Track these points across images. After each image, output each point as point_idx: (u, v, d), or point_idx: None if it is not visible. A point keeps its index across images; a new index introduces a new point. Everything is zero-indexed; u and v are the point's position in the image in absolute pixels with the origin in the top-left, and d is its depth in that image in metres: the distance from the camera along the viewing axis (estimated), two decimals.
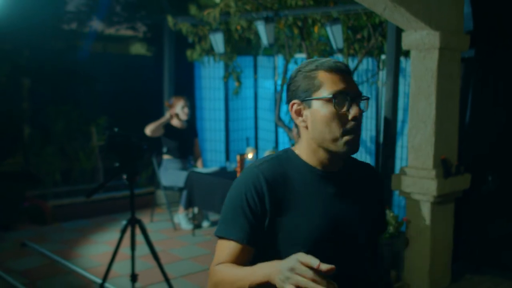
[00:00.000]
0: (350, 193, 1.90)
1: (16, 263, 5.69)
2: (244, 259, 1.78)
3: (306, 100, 1.81)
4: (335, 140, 1.79)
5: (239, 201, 1.80)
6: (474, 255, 5.42)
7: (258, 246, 1.81)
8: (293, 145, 1.96)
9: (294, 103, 1.83)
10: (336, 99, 1.77)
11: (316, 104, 1.79)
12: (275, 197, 1.78)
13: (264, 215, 1.79)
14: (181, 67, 8.55)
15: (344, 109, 1.78)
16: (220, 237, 1.83)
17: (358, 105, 1.81)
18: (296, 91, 1.83)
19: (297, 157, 1.88)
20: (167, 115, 6.85)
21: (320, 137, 1.81)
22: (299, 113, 1.84)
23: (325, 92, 1.78)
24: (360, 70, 6.74)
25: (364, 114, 1.86)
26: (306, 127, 1.83)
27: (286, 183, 1.82)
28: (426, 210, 4.79)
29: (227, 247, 1.79)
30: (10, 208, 7.42)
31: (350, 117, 1.79)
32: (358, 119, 1.79)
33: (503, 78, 5.26)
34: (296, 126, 1.88)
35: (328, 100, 1.77)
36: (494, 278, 5.23)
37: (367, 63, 6.71)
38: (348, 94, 1.78)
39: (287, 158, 1.88)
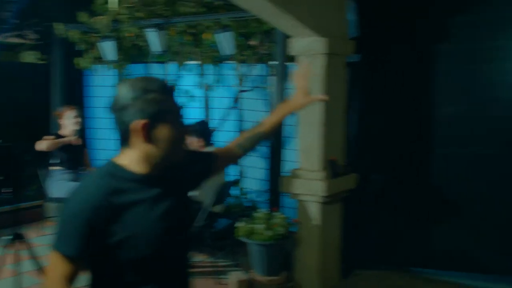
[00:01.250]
0: (173, 190, 2.08)
1: None
2: (75, 271, 1.92)
3: (154, 118, 1.95)
4: (172, 152, 2.01)
5: (74, 217, 1.88)
6: (362, 252, 5.64)
7: (97, 258, 1.95)
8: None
9: (140, 122, 1.94)
10: (174, 118, 1.99)
11: (162, 123, 1.96)
12: (111, 209, 1.89)
13: (102, 228, 1.89)
14: (73, 76, 8.32)
15: (179, 125, 2.01)
16: (53, 250, 1.92)
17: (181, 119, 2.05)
18: (143, 109, 1.94)
19: (122, 168, 2.00)
20: (69, 137, 6.54)
21: (164, 151, 1.99)
22: (142, 130, 1.94)
23: (170, 114, 1.98)
24: (252, 76, 6.86)
25: (257, 119, 2.03)
26: (147, 142, 1.97)
27: (119, 193, 1.93)
28: (315, 211, 4.94)
29: (61, 261, 1.90)
30: None
31: (182, 131, 2.03)
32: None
33: (387, 81, 5.53)
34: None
35: (170, 120, 1.97)
36: (381, 272, 5.47)
37: (259, 69, 6.84)
38: (179, 113, 2.02)
39: (114, 170, 2.00)
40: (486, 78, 5.14)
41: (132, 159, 2.01)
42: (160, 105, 1.94)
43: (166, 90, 1.98)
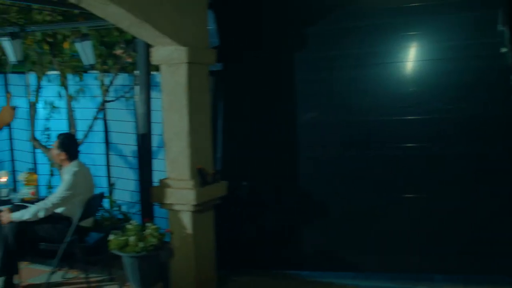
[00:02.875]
0: None
1: None
2: None
3: None
4: None
5: None
6: (237, 258, 5.71)
7: None
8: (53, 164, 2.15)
9: None
10: None
11: None
12: None
13: None
14: None
15: None
16: None
17: None
18: None
19: None
20: None
21: None
22: None
23: None
24: (116, 85, 6.73)
25: (123, 129, 2.07)
26: None
27: None
28: (187, 220, 4.93)
29: None
30: None
31: None
32: None
33: (248, 89, 5.63)
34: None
35: None
36: (258, 278, 5.57)
37: (123, 79, 6.73)
38: None
39: None
40: (342, 85, 5.39)
41: None
42: None
43: None
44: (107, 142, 7.15)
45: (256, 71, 5.56)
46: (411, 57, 5.29)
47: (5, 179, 6.17)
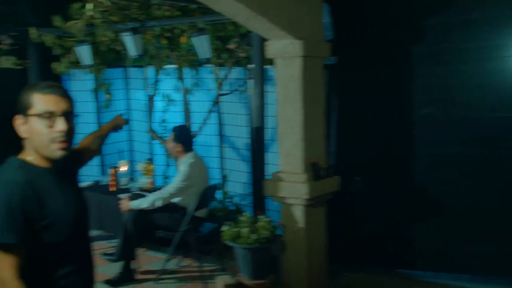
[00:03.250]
0: (68, 182, 2.35)
1: None
2: (21, 258, 2.07)
3: (25, 116, 2.19)
4: (45, 147, 2.20)
5: (6, 209, 2.05)
6: (348, 254, 5.65)
7: (29, 244, 2.10)
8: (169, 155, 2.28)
9: (17, 117, 2.21)
10: (44, 116, 2.17)
11: (32, 119, 2.18)
12: (35, 197, 2.12)
13: (32, 215, 2.09)
14: (50, 80, 8.19)
15: (51, 123, 2.18)
16: None
17: (67, 120, 2.21)
18: (19, 107, 2.19)
19: (28, 162, 2.22)
20: None
21: (35, 145, 2.21)
22: (17, 125, 2.21)
23: (37, 110, 2.17)
24: (231, 79, 6.83)
25: (237, 122, 2.13)
26: (24, 137, 2.22)
27: (35, 184, 2.16)
28: (299, 213, 4.92)
29: (7, 251, 2.04)
30: None
31: (56, 130, 2.18)
32: (64, 131, 2.19)
33: (364, 83, 5.53)
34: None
35: (39, 116, 2.17)
36: (368, 275, 5.48)
37: (237, 73, 6.81)
38: (53, 112, 2.18)
39: (22, 165, 2.21)
40: (461, 80, 5.17)
41: (32, 154, 2.23)
42: (26, 102, 2.17)
43: (37, 89, 2.19)
44: (220, 134, 7.27)
45: (370, 64, 5.45)
46: None
47: (125, 169, 6.43)
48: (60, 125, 2.19)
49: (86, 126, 8.09)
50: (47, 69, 7.71)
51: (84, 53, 6.84)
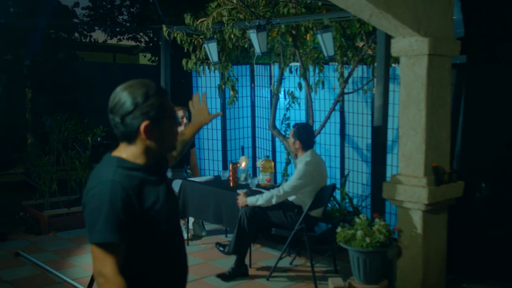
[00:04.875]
0: (164, 178, 2.43)
1: (7, 273, 5.67)
2: (122, 255, 2.18)
3: (157, 119, 2.28)
4: (169, 146, 2.40)
5: (111, 207, 2.14)
6: (469, 265, 5.35)
7: (129, 240, 2.20)
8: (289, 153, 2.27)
9: (144, 124, 2.26)
10: (170, 117, 2.34)
11: (160, 123, 2.30)
12: (136, 194, 2.20)
13: (135, 212, 2.19)
14: (180, 76, 8.50)
15: (173, 122, 2.38)
16: (99, 243, 2.15)
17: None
18: (148, 112, 2.25)
19: (127, 160, 2.30)
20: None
21: (162, 145, 2.34)
22: (147, 130, 2.26)
23: (171, 114, 2.35)
24: (354, 77, 6.71)
25: (359, 122, 2.10)
26: (149, 139, 2.29)
27: (135, 181, 2.23)
28: (417, 219, 4.72)
29: (110, 249, 2.14)
30: (7, 218, 7.42)
31: (174, 127, 2.40)
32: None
33: (496, 84, 5.20)
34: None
35: (167, 119, 2.32)
36: (487, 285, 5.16)
37: (362, 71, 6.68)
38: (173, 112, 2.38)
39: (121, 163, 2.28)
40: None
41: (133, 153, 2.31)
42: (159, 108, 2.27)
43: (162, 93, 2.31)
44: (342, 134, 7.16)
45: (502, 65, 5.11)
46: None
47: (245, 165, 6.51)
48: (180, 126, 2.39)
49: (211, 122, 8.31)
50: (177, 65, 8.00)
51: (212, 50, 6.99)
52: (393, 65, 5.83)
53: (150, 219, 2.24)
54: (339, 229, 5.07)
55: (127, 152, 2.32)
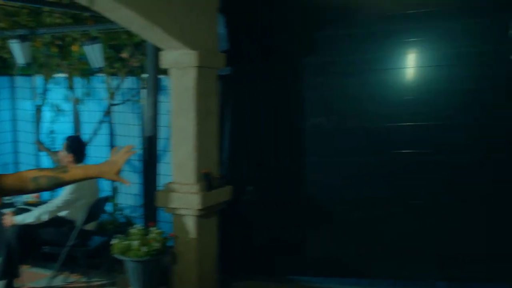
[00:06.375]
0: None
1: None
2: None
3: None
4: None
5: None
6: (241, 263, 5.67)
7: None
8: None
9: None
10: None
11: None
12: None
13: None
14: None
15: None
16: None
17: None
18: None
19: None
20: None
21: None
22: None
23: None
24: (123, 89, 6.73)
25: (129, 133, 2.09)
26: None
27: None
28: (191, 224, 4.91)
29: None
30: None
31: None
32: None
33: (257, 94, 5.61)
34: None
35: None
36: (258, 283, 5.53)
37: (130, 82, 6.73)
38: None
39: None
40: (350, 91, 5.36)
41: None
42: None
43: None
44: (112, 145, 7.13)
45: (264, 76, 5.54)
46: (415, 63, 5.26)
47: None
48: None
49: None
50: None
51: None
52: (162, 76, 5.98)
53: None
54: (114, 241, 5.05)
55: None
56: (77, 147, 5.52)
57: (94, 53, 5.78)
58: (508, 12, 4.86)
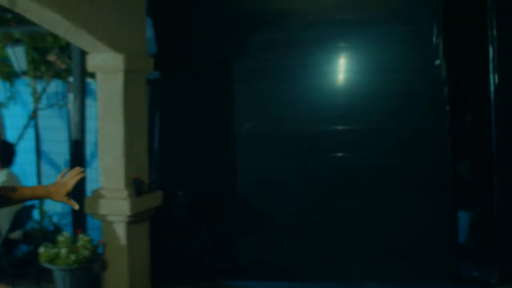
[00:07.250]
0: None
1: None
2: None
3: None
4: None
5: None
6: (173, 268, 5.63)
7: None
8: None
9: None
10: None
11: None
12: None
13: None
14: None
15: None
16: None
17: None
18: None
19: None
20: None
21: None
22: None
23: None
24: (49, 92, 6.55)
25: (56, 138, 2.07)
26: None
27: None
28: (121, 231, 4.83)
29: None
30: None
31: None
32: None
33: (185, 97, 5.58)
34: None
35: None
36: (186, 286, 5.51)
37: (56, 86, 6.56)
38: None
39: None
40: (282, 95, 5.41)
41: None
42: None
43: None
44: (38, 150, 6.93)
45: (193, 79, 5.53)
46: (346, 68, 5.39)
47: None
48: None
49: None
50: None
51: None
52: (90, 80, 5.85)
53: None
54: (41, 250, 4.93)
55: None
56: (5, 150, 5.35)
57: (17, 56, 5.61)
58: (433, 20, 5.04)
